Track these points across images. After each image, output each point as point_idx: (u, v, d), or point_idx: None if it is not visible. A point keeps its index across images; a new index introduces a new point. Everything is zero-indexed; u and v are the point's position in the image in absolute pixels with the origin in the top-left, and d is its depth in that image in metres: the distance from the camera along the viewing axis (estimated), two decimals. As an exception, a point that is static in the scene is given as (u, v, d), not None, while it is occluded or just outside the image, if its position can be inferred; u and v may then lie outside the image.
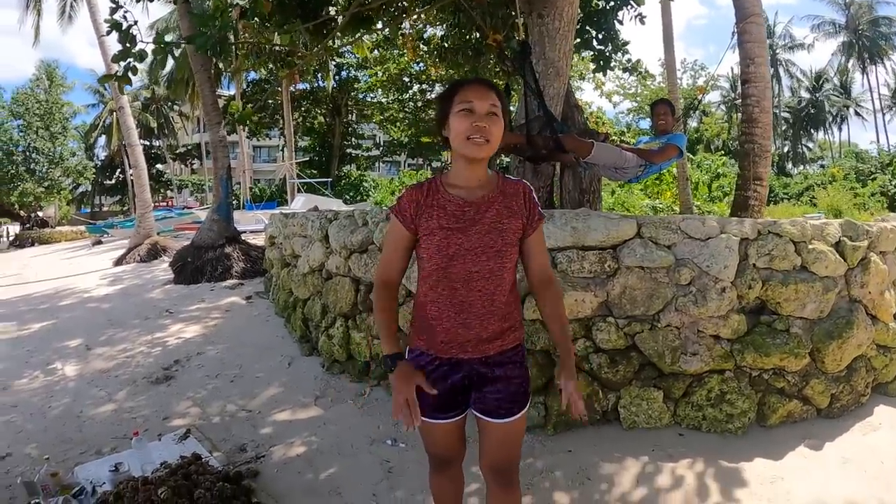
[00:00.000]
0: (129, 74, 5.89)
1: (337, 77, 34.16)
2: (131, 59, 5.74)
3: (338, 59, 31.06)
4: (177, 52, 23.46)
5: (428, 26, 11.00)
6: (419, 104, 30.15)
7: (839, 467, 3.54)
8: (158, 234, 15.95)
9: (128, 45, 5.64)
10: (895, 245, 4.61)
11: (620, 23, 9.31)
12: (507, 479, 2.31)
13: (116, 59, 5.85)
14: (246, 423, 4.37)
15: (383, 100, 33.09)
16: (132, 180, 15.89)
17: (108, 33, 5.75)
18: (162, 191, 47.76)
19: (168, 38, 20.38)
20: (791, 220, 4.20)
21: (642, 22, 9.06)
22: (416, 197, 2.16)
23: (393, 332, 2.20)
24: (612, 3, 9.14)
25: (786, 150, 56.29)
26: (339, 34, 8.06)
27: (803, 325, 4.02)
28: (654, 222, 4.07)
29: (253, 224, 18.18)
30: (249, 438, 4.08)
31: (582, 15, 8.82)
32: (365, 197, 33.71)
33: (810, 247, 4.03)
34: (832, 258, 4.04)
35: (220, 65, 15.47)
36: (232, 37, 7.42)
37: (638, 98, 38.00)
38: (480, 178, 2.15)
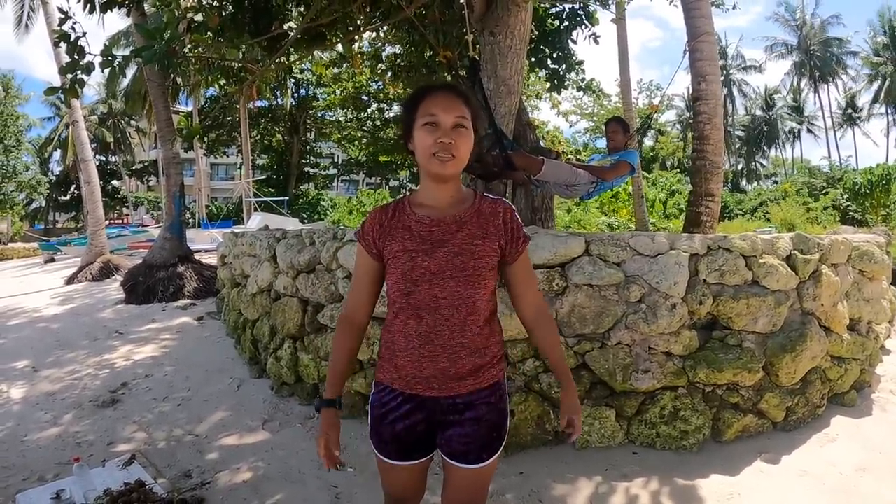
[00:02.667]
0: (77, 87, 5.74)
1: (296, 95, 33.93)
2: (79, 72, 5.60)
3: (298, 76, 30.90)
4: (132, 66, 23.16)
5: (386, 45, 10.98)
6: (377, 123, 30.14)
7: (797, 481, 3.53)
8: (112, 252, 15.62)
9: (76, 56, 5.51)
10: (846, 257, 4.68)
11: (574, 42, 9.42)
12: None
13: (64, 71, 5.71)
14: (192, 448, 4.23)
15: (341, 118, 33.00)
16: (85, 196, 15.52)
17: (57, 44, 5.61)
18: (118, 208, 46.90)
19: (126, 51, 20.07)
20: (741, 235, 4.23)
21: (596, 41, 9.18)
22: (380, 219, 1.99)
23: (338, 373, 2.05)
24: (566, 23, 9.22)
25: (740, 167, 57.57)
26: (292, 49, 7.97)
27: (756, 340, 4.04)
28: (602, 239, 4.06)
29: (208, 243, 17.96)
30: (195, 464, 3.94)
31: (536, 34, 8.89)
32: (322, 216, 33.33)
33: (761, 261, 4.06)
34: (783, 272, 4.08)
35: (179, 80, 15.28)
36: (188, 51, 7.26)
37: (595, 117, 38.44)
38: (452, 195, 1.97)
